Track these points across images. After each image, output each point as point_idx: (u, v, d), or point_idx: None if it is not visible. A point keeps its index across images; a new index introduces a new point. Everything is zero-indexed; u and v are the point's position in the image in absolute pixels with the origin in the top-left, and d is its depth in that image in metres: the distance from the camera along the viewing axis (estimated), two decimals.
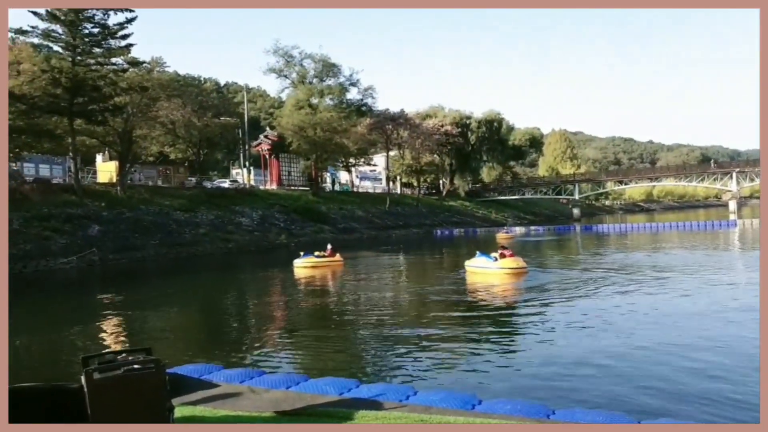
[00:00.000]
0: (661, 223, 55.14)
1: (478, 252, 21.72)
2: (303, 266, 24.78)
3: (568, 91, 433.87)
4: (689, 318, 11.71)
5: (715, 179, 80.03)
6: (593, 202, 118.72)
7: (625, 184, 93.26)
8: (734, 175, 75.83)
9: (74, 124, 38.27)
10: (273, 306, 16.90)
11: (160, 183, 50.39)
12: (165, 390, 3.75)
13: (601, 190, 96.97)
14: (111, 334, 13.14)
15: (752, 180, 74.92)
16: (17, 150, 39.78)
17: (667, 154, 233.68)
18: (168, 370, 5.12)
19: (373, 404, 4.70)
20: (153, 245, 35.14)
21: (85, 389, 3.48)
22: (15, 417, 3.41)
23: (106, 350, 3.93)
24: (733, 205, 73.66)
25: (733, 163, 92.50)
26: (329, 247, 26.97)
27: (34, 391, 3.68)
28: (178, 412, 4.23)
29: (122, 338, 12.70)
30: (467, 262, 21.57)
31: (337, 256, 26.45)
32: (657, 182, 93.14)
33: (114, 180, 42.83)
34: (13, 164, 39.06)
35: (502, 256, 20.23)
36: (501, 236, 45.58)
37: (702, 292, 14.94)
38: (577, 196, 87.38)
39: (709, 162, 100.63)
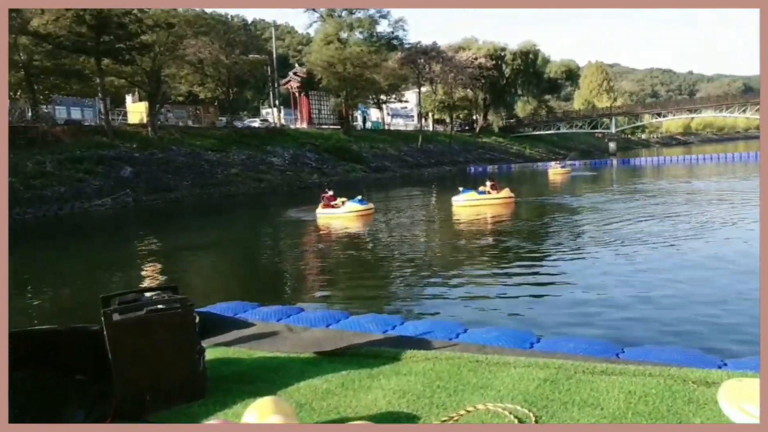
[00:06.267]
0: (698, 155, 53.81)
1: (461, 188, 22.46)
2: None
3: (605, 22, 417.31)
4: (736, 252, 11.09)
5: (757, 110, 76.44)
6: (629, 136, 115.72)
7: (663, 116, 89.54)
8: None
9: (102, 63, 37.81)
10: (307, 245, 16.64)
11: (190, 123, 49.96)
12: (194, 331, 3.36)
13: (637, 124, 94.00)
14: (145, 274, 13.01)
15: None
16: (47, 92, 39.73)
17: (707, 85, 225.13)
18: (200, 309, 4.75)
19: (421, 343, 4.26)
20: (186, 186, 35.07)
21: (105, 332, 3.11)
22: (30, 362, 3.06)
23: (129, 289, 3.50)
24: None
25: None
26: (329, 192, 20.80)
27: (49, 334, 3.32)
28: (211, 353, 3.86)
29: (156, 277, 12.54)
30: (454, 198, 21.98)
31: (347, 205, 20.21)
32: (696, 114, 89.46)
33: (144, 121, 42.51)
34: (44, 107, 39.02)
35: (494, 188, 21.58)
36: (555, 171, 44.04)
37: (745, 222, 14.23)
38: (613, 130, 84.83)
39: (751, 92, 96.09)
